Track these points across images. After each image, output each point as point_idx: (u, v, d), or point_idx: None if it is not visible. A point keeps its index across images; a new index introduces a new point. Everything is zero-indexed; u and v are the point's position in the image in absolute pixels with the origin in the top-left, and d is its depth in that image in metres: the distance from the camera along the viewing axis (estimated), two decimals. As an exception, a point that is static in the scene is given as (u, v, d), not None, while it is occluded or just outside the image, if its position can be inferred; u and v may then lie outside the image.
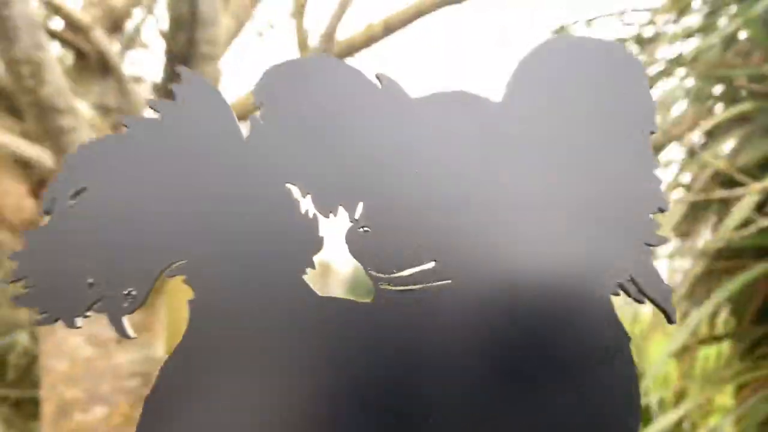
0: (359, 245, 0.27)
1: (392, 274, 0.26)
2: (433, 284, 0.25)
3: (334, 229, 0.28)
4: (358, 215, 0.27)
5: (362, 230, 0.26)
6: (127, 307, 0.29)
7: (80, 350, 1.91)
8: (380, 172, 0.26)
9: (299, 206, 0.28)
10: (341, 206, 0.27)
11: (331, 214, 0.27)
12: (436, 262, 0.26)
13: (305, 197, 0.28)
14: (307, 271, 0.28)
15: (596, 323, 0.26)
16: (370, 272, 0.26)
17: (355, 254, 0.27)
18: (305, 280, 0.28)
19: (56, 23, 2.24)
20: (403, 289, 0.26)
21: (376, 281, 0.26)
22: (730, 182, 1.97)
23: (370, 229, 0.26)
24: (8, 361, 3.84)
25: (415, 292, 0.26)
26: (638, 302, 0.27)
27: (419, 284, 0.26)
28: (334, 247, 0.28)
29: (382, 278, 0.26)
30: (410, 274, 0.26)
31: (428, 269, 0.26)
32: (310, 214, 0.28)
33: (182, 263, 0.29)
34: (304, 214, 0.28)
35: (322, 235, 0.28)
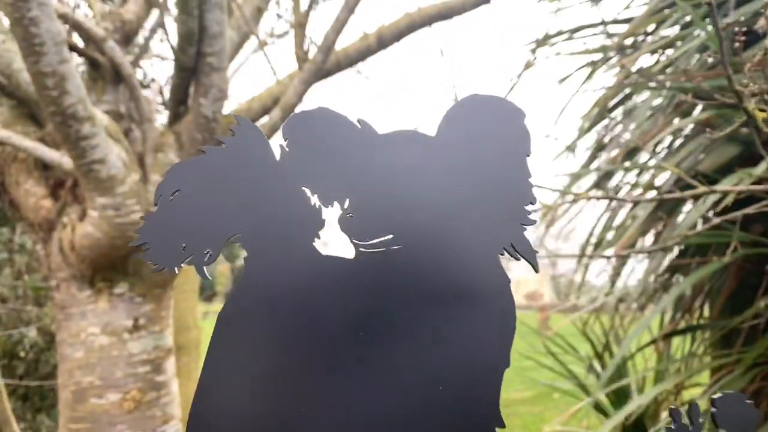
0: (346, 225, 0.43)
1: (366, 241, 0.42)
2: (390, 248, 0.42)
3: (332, 215, 0.44)
4: (346, 207, 0.42)
5: (348, 216, 0.42)
6: (207, 261, 0.44)
7: (95, 340, 2.05)
8: (360, 181, 0.42)
9: (310, 201, 0.44)
10: (336, 201, 0.43)
11: (330, 206, 0.43)
12: (393, 235, 0.42)
13: (314, 195, 0.44)
14: (315, 239, 0.43)
15: (489, 271, 0.42)
16: (353, 241, 0.42)
17: (343, 230, 0.43)
18: (314, 245, 0.43)
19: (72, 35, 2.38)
20: (372, 251, 0.42)
21: (356, 246, 0.43)
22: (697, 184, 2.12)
23: (353, 215, 0.42)
24: (17, 354, 3.97)
25: (379, 252, 0.42)
26: (515, 258, 0.42)
27: (382, 248, 0.42)
28: (331, 225, 0.44)
29: (360, 244, 0.42)
30: (376, 242, 0.42)
31: (387, 239, 0.42)
32: (316, 205, 0.43)
33: (239, 235, 0.44)
34: (313, 205, 0.43)
35: (324, 218, 0.44)
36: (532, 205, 0.41)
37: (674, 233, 1.81)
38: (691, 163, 2.14)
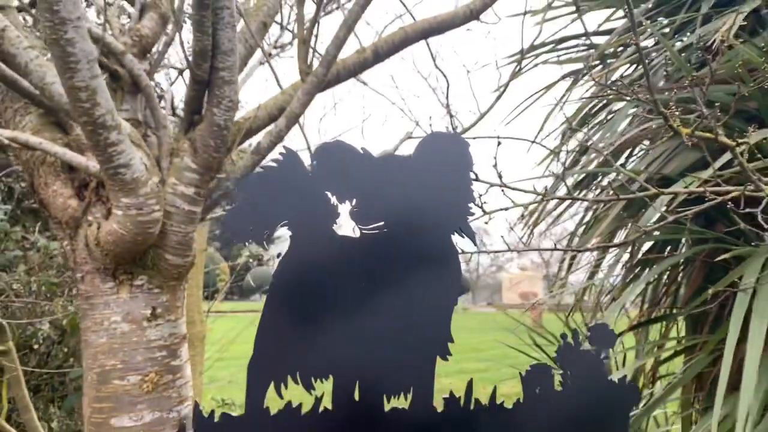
0: (353, 215, 0.64)
1: (366, 226, 0.63)
2: (381, 230, 0.62)
3: (344, 209, 0.65)
4: (353, 204, 0.63)
5: (355, 210, 0.63)
6: (265, 238, 0.65)
7: (117, 327, 2.25)
8: (362, 188, 0.63)
9: (330, 200, 0.64)
10: (347, 200, 0.63)
11: (343, 203, 0.64)
12: (383, 222, 0.63)
13: (333, 197, 0.64)
14: (333, 224, 0.64)
15: (444, 244, 0.62)
16: (358, 225, 0.63)
17: (352, 218, 0.64)
18: (333, 227, 0.64)
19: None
20: (370, 231, 0.63)
21: (360, 229, 0.64)
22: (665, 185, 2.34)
23: (357, 209, 0.63)
24: (32, 346, 4.17)
25: (374, 232, 0.63)
26: (460, 236, 0.63)
27: (376, 230, 0.63)
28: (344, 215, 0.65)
29: (362, 227, 0.63)
30: (372, 226, 0.63)
31: (380, 224, 0.63)
32: (335, 203, 0.64)
33: (286, 222, 0.65)
34: (332, 203, 0.64)
35: (339, 211, 0.65)
36: (473, 203, 0.62)
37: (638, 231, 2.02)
38: (658, 166, 2.35)
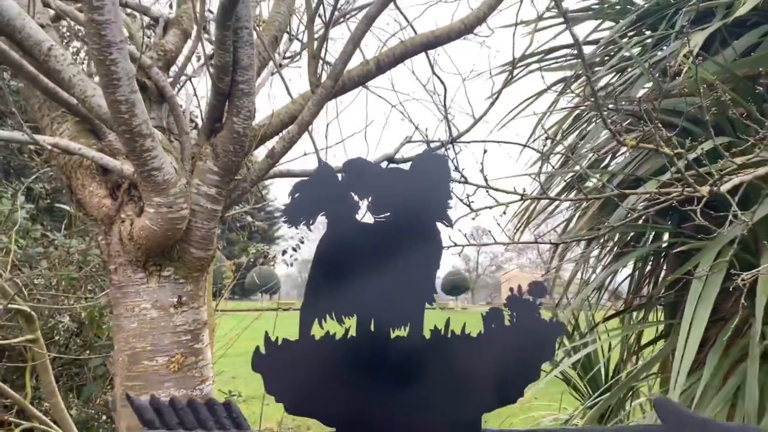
0: (370, 208, 0.89)
1: (378, 215, 0.88)
2: (389, 218, 0.88)
3: (364, 204, 0.90)
4: (370, 200, 0.88)
5: (370, 204, 0.88)
6: (308, 224, 0.90)
7: (147, 313, 2.51)
8: (376, 190, 0.88)
9: (354, 198, 0.90)
10: (366, 198, 0.88)
11: (363, 200, 0.89)
12: (389, 213, 0.88)
13: (356, 196, 0.90)
14: (356, 214, 0.90)
15: (431, 228, 0.87)
16: (373, 215, 0.89)
17: (368, 211, 0.89)
18: (356, 216, 0.90)
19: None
20: (381, 219, 0.88)
21: (374, 217, 0.89)
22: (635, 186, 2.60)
23: (372, 204, 0.88)
24: (53, 338, 4.42)
25: (384, 221, 0.88)
26: (441, 222, 0.88)
27: (384, 219, 0.88)
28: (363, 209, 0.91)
29: (376, 216, 0.89)
30: (382, 216, 0.88)
31: (387, 214, 0.88)
32: (357, 200, 0.89)
33: (324, 212, 0.90)
34: (355, 200, 0.89)
35: (360, 205, 0.90)
36: (451, 200, 0.87)
37: (613, 228, 2.28)
38: (632, 168, 2.61)
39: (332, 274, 0.83)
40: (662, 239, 2.83)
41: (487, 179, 1.73)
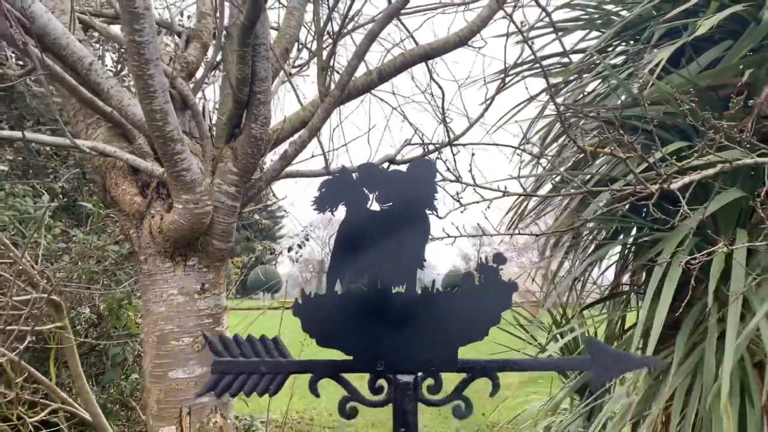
0: (377, 199, 1.17)
1: (383, 204, 1.16)
2: (390, 206, 1.17)
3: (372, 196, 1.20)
4: (376, 194, 1.16)
5: (377, 197, 1.16)
6: (331, 210, 1.18)
7: (174, 298, 2.80)
8: (381, 186, 1.16)
9: (365, 192, 1.18)
10: (373, 192, 1.16)
11: (372, 194, 1.17)
12: (391, 203, 1.17)
13: (366, 190, 1.18)
14: (367, 204, 1.18)
15: (421, 214, 1.15)
16: (379, 204, 1.17)
17: (376, 201, 1.17)
18: (366, 205, 1.18)
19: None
20: (385, 207, 1.16)
21: (380, 206, 1.17)
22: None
23: (379, 197, 1.16)
24: (75, 327, 4.72)
25: (387, 208, 1.17)
26: (429, 211, 1.16)
27: (387, 207, 1.17)
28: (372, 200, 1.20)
29: (381, 205, 1.17)
30: (386, 205, 1.17)
31: (390, 204, 1.16)
32: (368, 194, 1.18)
33: (344, 201, 1.18)
34: (366, 194, 1.18)
35: (369, 197, 1.18)
36: (437, 194, 1.15)
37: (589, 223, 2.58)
38: (608, 169, 2.90)
39: (349, 247, 1.11)
40: (639, 233, 3.13)
41: (474, 178, 2.02)
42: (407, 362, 1.08)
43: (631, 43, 4.45)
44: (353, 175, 1.11)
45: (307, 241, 7.11)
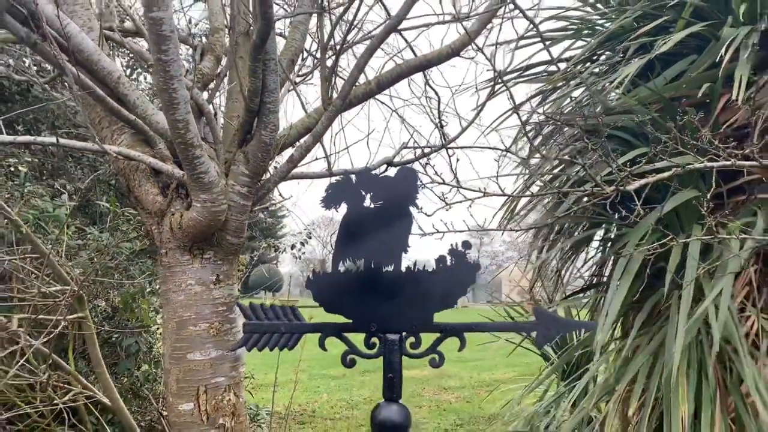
0: (372, 198, 1.47)
1: (377, 203, 1.46)
2: (383, 204, 1.46)
3: (367, 197, 1.50)
4: (371, 194, 1.45)
5: (371, 197, 1.45)
6: (336, 207, 1.48)
7: (192, 288, 3.10)
8: (376, 187, 1.46)
9: (362, 193, 1.47)
10: (368, 193, 1.45)
11: (368, 194, 1.47)
12: (382, 201, 1.46)
13: (363, 191, 1.48)
14: (365, 201, 1.48)
15: (406, 210, 1.44)
16: (373, 203, 1.46)
17: (371, 200, 1.47)
18: (365, 203, 1.48)
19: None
20: (377, 205, 1.46)
21: (374, 204, 1.47)
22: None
23: (372, 196, 1.45)
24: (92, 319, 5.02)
25: (380, 206, 1.47)
26: (413, 207, 1.45)
27: (379, 204, 1.47)
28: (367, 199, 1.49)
29: (375, 203, 1.47)
30: (378, 203, 1.46)
31: (382, 202, 1.46)
32: (363, 194, 1.47)
33: (344, 201, 1.48)
34: (363, 194, 1.47)
35: (365, 197, 1.48)
36: (418, 194, 1.43)
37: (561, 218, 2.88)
38: (584, 172, 3.20)
39: (350, 236, 1.40)
40: (617, 230, 3.44)
41: (458, 180, 2.31)
42: (394, 324, 1.37)
43: (615, 51, 4.74)
44: (352, 179, 1.39)
45: (309, 239, 7.40)
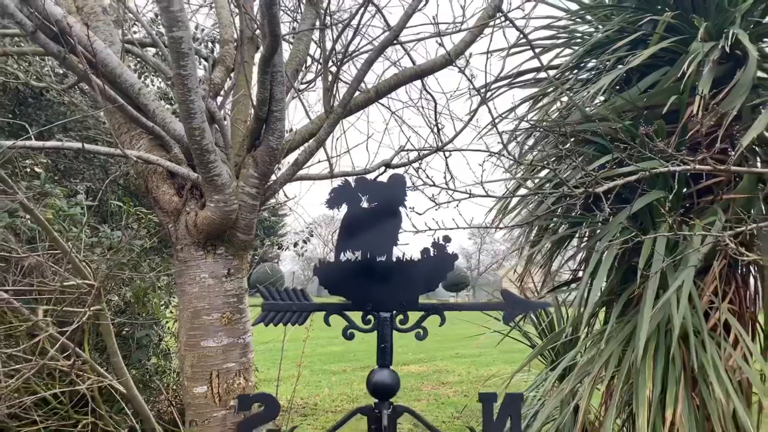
0: (366, 201, 1.74)
1: (373, 203, 1.74)
2: (378, 204, 1.74)
3: (364, 198, 1.77)
4: (368, 196, 1.72)
5: (366, 199, 1.72)
6: (338, 207, 1.75)
7: (205, 280, 3.39)
8: (373, 190, 1.73)
9: (359, 195, 1.74)
10: (364, 195, 1.72)
11: (365, 196, 1.74)
12: (376, 202, 1.74)
13: (360, 194, 1.75)
14: (363, 202, 1.76)
15: (396, 210, 1.71)
16: (371, 203, 1.74)
17: (369, 200, 1.74)
18: (363, 204, 1.75)
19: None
20: (374, 206, 1.73)
21: (371, 204, 1.74)
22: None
23: (367, 198, 1.72)
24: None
25: (373, 206, 1.75)
26: (402, 207, 1.72)
27: (374, 205, 1.75)
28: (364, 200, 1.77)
29: (371, 203, 1.74)
30: (375, 203, 1.74)
31: (378, 201, 1.74)
32: (360, 196, 1.75)
33: (345, 202, 1.75)
34: (360, 196, 1.75)
35: (362, 199, 1.75)
36: (406, 197, 1.70)
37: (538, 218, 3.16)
38: (563, 174, 3.48)
39: (349, 231, 1.67)
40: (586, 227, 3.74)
41: (447, 183, 2.58)
42: (386, 304, 1.64)
43: (599, 59, 5.02)
44: (352, 184, 1.66)
45: (311, 236, 7.68)
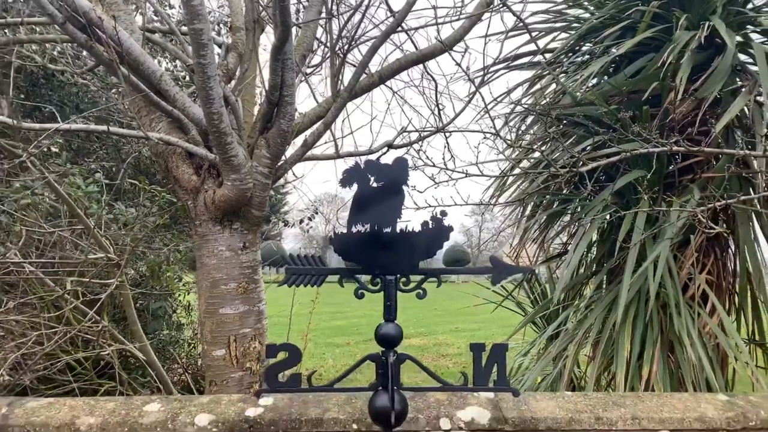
0: (375, 180, 2.00)
1: (378, 184, 2.00)
2: (383, 185, 2.00)
3: (372, 178, 2.04)
4: (373, 178, 1.97)
5: (374, 178, 1.98)
6: (349, 186, 2.02)
7: (222, 253, 3.67)
8: (379, 172, 1.98)
9: (368, 176, 2.00)
10: (372, 176, 1.98)
11: (371, 177, 2.00)
12: (383, 182, 2.01)
13: (369, 175, 2.01)
14: (369, 183, 2.02)
15: (400, 189, 1.98)
16: (376, 183, 1.99)
17: (376, 181, 2.01)
18: (371, 184, 2.01)
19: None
20: (379, 185, 1.99)
21: (377, 184, 2.01)
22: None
23: (375, 178, 1.98)
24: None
25: (380, 185, 2.01)
26: (405, 186, 1.99)
27: (381, 184, 2.01)
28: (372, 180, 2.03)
29: (377, 184, 2.01)
30: (380, 183, 2.00)
31: (382, 183, 2.00)
32: (369, 177, 2.01)
33: (356, 182, 2.00)
34: (369, 177, 2.01)
35: (370, 179, 2.01)
36: (408, 177, 1.95)
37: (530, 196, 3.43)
38: (553, 155, 3.73)
39: (359, 207, 1.93)
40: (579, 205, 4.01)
41: (446, 163, 2.84)
42: (391, 268, 1.91)
43: (594, 43, 5.22)
44: (361, 166, 1.92)
45: (316, 214, 7.95)
